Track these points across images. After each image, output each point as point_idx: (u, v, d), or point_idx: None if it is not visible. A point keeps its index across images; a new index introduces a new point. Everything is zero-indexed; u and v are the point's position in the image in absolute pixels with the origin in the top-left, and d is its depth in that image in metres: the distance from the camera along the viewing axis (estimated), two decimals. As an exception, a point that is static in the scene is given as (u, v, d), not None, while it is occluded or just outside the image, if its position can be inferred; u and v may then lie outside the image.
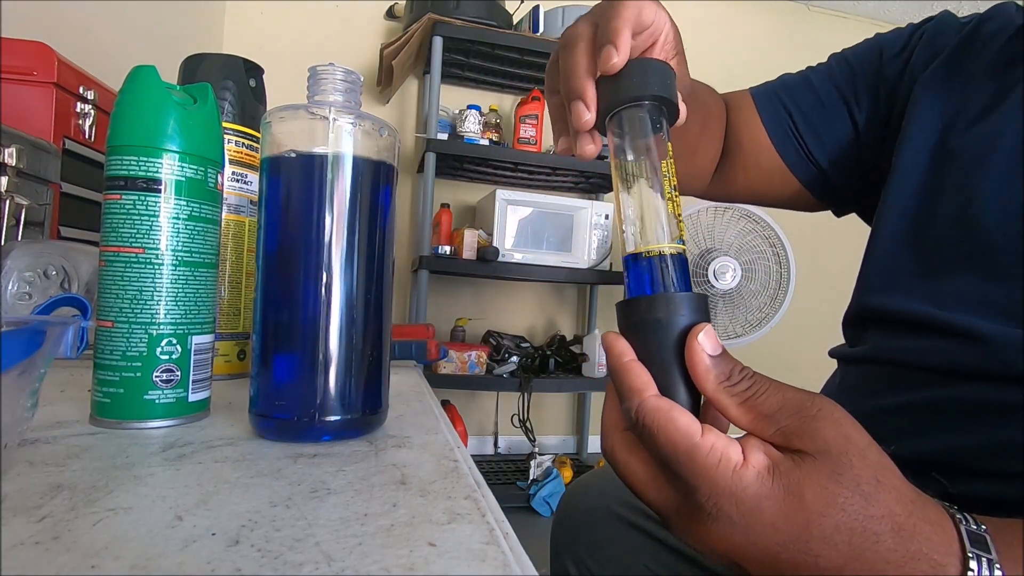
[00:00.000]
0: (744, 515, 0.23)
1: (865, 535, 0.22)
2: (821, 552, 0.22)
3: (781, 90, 0.58)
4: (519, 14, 2.09)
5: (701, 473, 0.23)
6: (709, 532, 0.24)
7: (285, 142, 0.34)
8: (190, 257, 0.36)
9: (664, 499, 0.25)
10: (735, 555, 0.24)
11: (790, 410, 0.24)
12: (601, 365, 2.02)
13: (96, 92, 1.00)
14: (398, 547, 0.21)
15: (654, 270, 0.28)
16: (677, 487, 0.24)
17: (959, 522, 0.24)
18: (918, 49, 0.52)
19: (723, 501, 0.23)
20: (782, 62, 0.62)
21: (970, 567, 0.22)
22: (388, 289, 0.37)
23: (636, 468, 0.26)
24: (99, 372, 0.35)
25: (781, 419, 0.24)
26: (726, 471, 0.23)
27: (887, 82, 0.53)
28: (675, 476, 0.24)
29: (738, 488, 0.23)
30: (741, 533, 0.23)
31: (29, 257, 0.57)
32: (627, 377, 0.26)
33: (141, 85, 0.35)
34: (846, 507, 0.22)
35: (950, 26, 0.52)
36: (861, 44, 0.57)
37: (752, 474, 0.23)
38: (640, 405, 0.25)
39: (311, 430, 0.33)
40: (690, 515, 0.24)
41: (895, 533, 0.22)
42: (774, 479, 0.23)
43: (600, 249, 2.00)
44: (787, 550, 0.22)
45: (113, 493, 0.24)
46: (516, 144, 2.09)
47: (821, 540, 0.22)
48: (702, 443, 0.23)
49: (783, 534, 0.22)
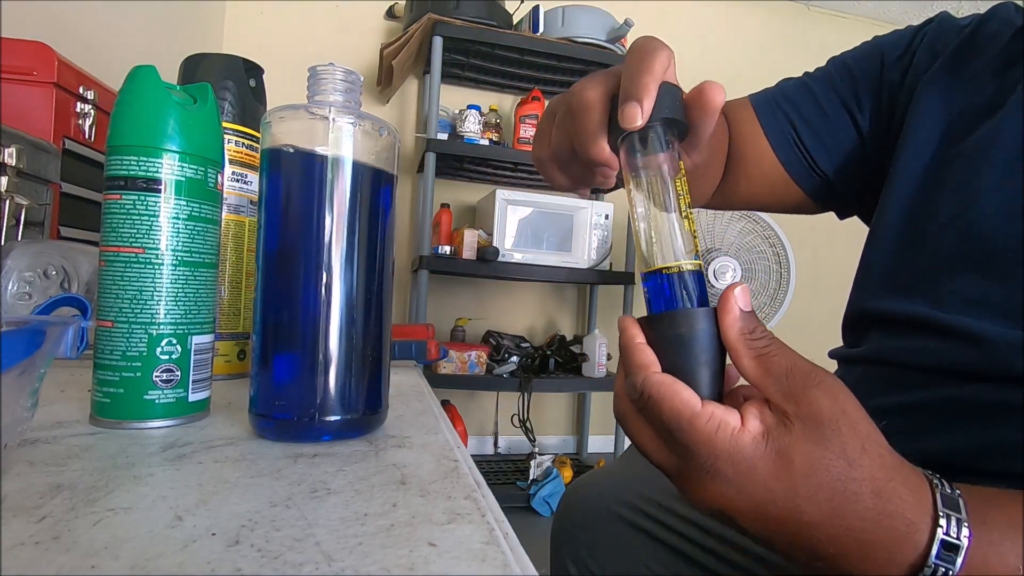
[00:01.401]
0: (739, 475, 0.25)
1: (846, 495, 0.24)
2: (805, 508, 0.24)
3: (782, 99, 0.58)
4: (519, 14, 2.09)
5: (701, 439, 0.25)
6: (707, 490, 0.26)
7: (285, 142, 0.34)
8: (190, 257, 0.36)
9: (668, 461, 0.28)
10: (729, 510, 0.26)
11: (796, 375, 0.26)
12: (601, 365, 2.02)
13: (96, 92, 1.00)
14: (398, 547, 0.21)
15: (674, 287, 0.30)
16: (679, 452, 0.27)
17: (935, 487, 0.26)
18: (919, 52, 0.52)
19: (721, 463, 0.25)
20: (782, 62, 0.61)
21: (939, 524, 0.24)
22: (388, 289, 0.37)
23: (643, 434, 0.28)
24: (99, 372, 0.35)
25: (785, 381, 0.26)
26: (724, 436, 0.25)
27: (890, 86, 0.53)
28: (677, 442, 0.26)
29: (735, 451, 0.25)
30: (736, 491, 0.25)
31: (29, 257, 0.57)
32: (635, 355, 0.28)
33: (141, 85, 0.35)
34: (830, 469, 0.24)
35: (950, 28, 0.52)
36: (860, 48, 0.57)
37: (747, 438, 0.25)
38: (646, 379, 0.27)
39: (311, 430, 0.33)
40: (690, 476, 0.26)
41: (874, 495, 0.25)
42: (767, 443, 0.25)
43: (600, 249, 2.00)
44: (775, 506, 0.25)
45: (113, 493, 0.24)
46: (516, 144, 2.09)
47: (806, 498, 0.24)
48: (702, 412, 0.25)
49: (773, 492, 0.25)
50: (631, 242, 2.11)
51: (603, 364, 2.03)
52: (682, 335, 0.28)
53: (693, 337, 0.28)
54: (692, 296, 0.29)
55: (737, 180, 0.59)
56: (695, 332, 0.28)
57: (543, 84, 2.18)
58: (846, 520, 0.24)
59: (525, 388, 1.87)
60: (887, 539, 0.25)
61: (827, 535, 0.25)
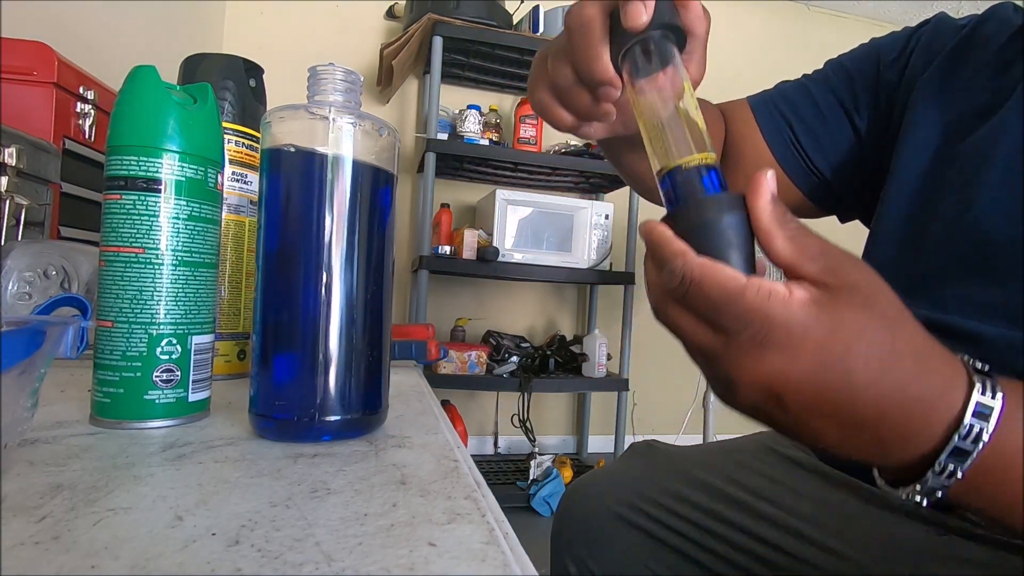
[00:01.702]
0: (793, 341, 0.25)
1: (892, 355, 0.25)
2: (855, 368, 0.25)
3: (780, 100, 0.58)
4: (519, 14, 2.09)
5: (753, 308, 0.25)
6: (760, 363, 0.25)
7: (285, 142, 0.34)
8: (190, 257, 0.36)
9: (713, 343, 0.27)
10: (780, 383, 0.25)
11: (831, 252, 0.26)
12: (601, 365, 2.02)
13: (96, 92, 1.00)
14: (398, 547, 0.21)
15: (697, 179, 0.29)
16: (728, 328, 0.26)
17: (966, 360, 0.27)
18: (915, 53, 0.52)
19: (775, 330, 0.25)
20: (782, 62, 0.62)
21: (975, 385, 0.26)
22: (388, 289, 0.37)
23: (684, 320, 0.27)
24: (99, 372, 0.35)
25: (822, 258, 0.26)
26: (777, 303, 0.25)
27: (886, 87, 0.53)
28: (726, 318, 0.25)
29: (788, 317, 0.25)
30: (789, 359, 0.25)
31: (29, 257, 0.57)
32: (669, 245, 0.27)
33: (141, 85, 0.35)
34: (877, 331, 0.25)
35: (947, 28, 0.52)
36: (857, 49, 0.57)
37: (798, 303, 0.25)
38: (686, 262, 0.26)
39: (311, 430, 0.33)
40: (741, 351, 0.26)
41: (914, 355, 0.26)
42: (818, 308, 0.25)
43: (600, 249, 2.00)
44: (827, 371, 0.25)
45: (113, 493, 0.24)
46: (516, 144, 2.09)
47: (856, 358, 0.25)
48: (750, 284, 0.25)
49: (826, 354, 0.25)
50: (631, 242, 2.11)
51: (603, 364, 2.03)
52: (712, 220, 0.27)
53: (725, 221, 0.27)
54: (715, 187, 0.29)
55: (736, 181, 0.59)
56: (726, 216, 0.27)
57: (543, 84, 2.18)
58: (891, 378, 0.25)
59: (525, 388, 1.87)
60: (927, 396, 0.25)
61: (872, 397, 0.25)
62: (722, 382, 0.28)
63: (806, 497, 0.53)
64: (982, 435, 0.25)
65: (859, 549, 0.47)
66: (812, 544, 0.49)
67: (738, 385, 0.27)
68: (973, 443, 0.25)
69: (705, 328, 0.27)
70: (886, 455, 0.27)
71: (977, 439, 0.25)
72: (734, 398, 0.28)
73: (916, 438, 0.26)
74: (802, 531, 0.51)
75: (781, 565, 0.50)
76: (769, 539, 0.52)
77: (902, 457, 0.27)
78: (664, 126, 0.31)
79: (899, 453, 0.27)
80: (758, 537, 0.53)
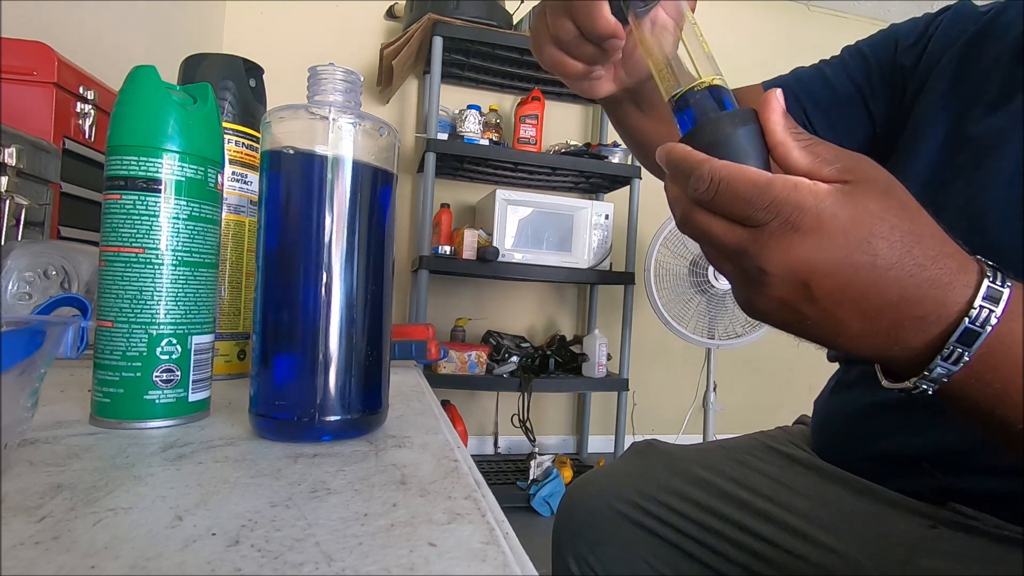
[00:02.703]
0: (822, 225, 0.26)
1: (913, 235, 0.26)
2: (880, 250, 0.26)
3: (795, 84, 0.58)
4: (519, 14, 2.09)
5: (782, 197, 0.26)
6: (790, 248, 0.26)
7: (285, 142, 0.34)
8: (190, 257, 0.36)
9: (743, 237, 0.27)
10: (809, 267, 0.26)
11: (844, 155, 0.27)
12: (601, 365, 2.02)
13: (96, 92, 1.00)
14: (398, 547, 0.21)
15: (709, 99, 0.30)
16: (758, 220, 0.27)
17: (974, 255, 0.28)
18: (934, 39, 0.52)
19: (806, 215, 0.26)
20: (782, 62, 0.62)
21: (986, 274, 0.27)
22: (388, 289, 0.37)
23: (714, 222, 0.28)
24: (99, 372, 0.35)
25: (837, 160, 0.27)
26: (805, 192, 0.26)
27: (903, 72, 0.53)
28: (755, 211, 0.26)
29: (817, 202, 0.26)
30: (818, 243, 0.26)
31: (29, 257, 0.57)
32: (691, 156, 0.28)
33: (141, 85, 0.35)
34: (899, 213, 0.26)
35: (967, 15, 0.52)
36: (876, 35, 0.57)
37: (825, 191, 0.26)
38: (711, 167, 0.27)
39: (311, 430, 0.33)
40: (772, 237, 0.26)
41: (932, 237, 0.27)
42: (844, 195, 0.26)
43: (600, 249, 2.00)
44: (854, 253, 0.26)
45: (113, 493, 0.24)
46: (516, 144, 2.09)
47: (881, 238, 0.26)
48: (777, 176, 0.26)
49: (853, 237, 0.26)
50: (631, 242, 2.11)
51: (603, 364, 2.03)
52: (729, 133, 0.28)
53: (740, 133, 0.28)
54: (728, 106, 0.30)
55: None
56: (741, 129, 0.28)
57: (543, 84, 2.18)
58: (911, 259, 0.26)
59: (525, 388, 1.87)
60: (942, 278, 0.26)
61: (894, 277, 0.26)
62: (753, 278, 0.28)
63: (802, 493, 0.53)
64: (990, 319, 0.26)
65: (853, 543, 0.47)
66: (807, 539, 0.50)
67: (769, 277, 0.27)
68: (981, 327, 0.26)
69: (734, 226, 0.28)
70: (900, 341, 0.28)
71: (985, 323, 0.26)
72: (763, 294, 0.28)
73: (930, 320, 0.27)
74: (798, 527, 0.51)
75: (777, 560, 0.51)
76: (766, 535, 0.52)
77: (914, 343, 0.28)
78: (671, 56, 0.32)
79: (913, 338, 0.27)
80: (755, 533, 0.53)
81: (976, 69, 0.48)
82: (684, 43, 0.31)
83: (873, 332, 0.27)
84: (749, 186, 0.26)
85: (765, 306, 0.29)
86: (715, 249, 0.29)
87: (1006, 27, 0.48)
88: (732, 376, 2.55)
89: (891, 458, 0.47)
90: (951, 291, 0.26)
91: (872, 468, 0.50)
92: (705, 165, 0.27)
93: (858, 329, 0.27)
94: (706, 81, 0.30)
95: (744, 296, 0.30)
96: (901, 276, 0.26)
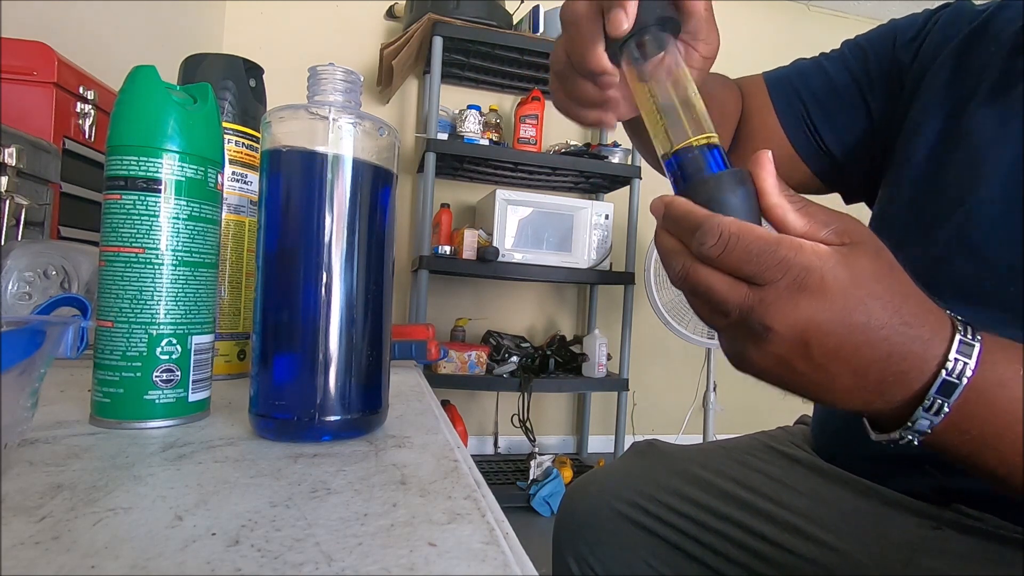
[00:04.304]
0: (826, 286, 0.27)
1: (902, 295, 0.28)
2: (874, 310, 0.27)
3: (795, 76, 0.58)
4: (519, 14, 2.09)
5: (791, 257, 0.27)
6: (796, 307, 0.27)
7: (285, 142, 0.34)
8: (190, 257, 0.36)
9: (748, 295, 0.28)
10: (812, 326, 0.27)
11: (836, 218, 0.29)
12: (601, 365, 2.02)
13: (96, 92, 1.00)
14: (398, 547, 0.21)
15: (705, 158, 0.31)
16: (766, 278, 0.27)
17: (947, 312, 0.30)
18: (932, 35, 0.52)
19: (811, 276, 0.27)
20: (782, 62, 0.62)
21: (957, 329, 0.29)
22: (388, 289, 0.37)
23: (717, 279, 0.29)
24: (99, 372, 0.35)
25: (832, 222, 0.28)
26: (810, 252, 0.27)
27: (901, 68, 0.53)
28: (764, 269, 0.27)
29: (822, 264, 0.27)
30: (820, 303, 0.27)
31: (29, 257, 0.57)
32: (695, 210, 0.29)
33: (141, 85, 0.35)
34: (888, 276, 0.28)
35: (966, 12, 0.52)
36: (876, 30, 0.57)
37: (826, 254, 0.27)
38: (720, 220, 0.28)
39: (311, 430, 0.33)
40: (779, 296, 0.27)
41: (916, 296, 0.29)
42: (843, 257, 0.27)
43: (600, 249, 2.00)
44: (852, 314, 0.27)
45: (113, 493, 0.24)
46: (516, 144, 2.09)
47: (876, 298, 0.27)
48: (783, 237, 0.27)
49: (853, 297, 0.27)
50: (631, 242, 2.11)
51: (603, 364, 2.03)
52: (731, 193, 0.29)
53: (740, 193, 0.29)
54: (720, 165, 0.31)
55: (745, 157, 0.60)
56: (740, 189, 0.29)
57: (543, 84, 2.18)
58: (899, 318, 0.28)
59: (525, 388, 1.86)
60: (923, 335, 0.28)
61: (884, 336, 0.27)
62: (755, 334, 0.29)
63: (803, 493, 0.53)
64: (965, 371, 0.28)
65: (854, 543, 0.47)
66: (808, 539, 0.50)
67: (773, 334, 0.28)
68: (958, 378, 0.28)
69: (738, 283, 0.28)
70: (885, 395, 0.29)
71: (961, 375, 0.28)
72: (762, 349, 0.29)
73: (912, 374, 0.28)
74: (799, 527, 0.51)
75: (778, 560, 0.51)
76: (767, 535, 0.52)
77: (898, 397, 0.29)
78: (664, 112, 0.32)
79: (896, 392, 0.29)
80: (756, 533, 0.53)
81: (973, 65, 0.48)
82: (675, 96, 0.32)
83: (861, 387, 0.29)
84: (761, 243, 0.27)
85: (761, 361, 0.29)
86: (713, 305, 0.29)
87: (1003, 25, 0.48)
88: (732, 376, 2.53)
89: (892, 458, 0.47)
90: (931, 346, 0.28)
91: (873, 468, 0.50)
92: (713, 220, 0.28)
93: (848, 384, 0.29)
94: (702, 139, 0.31)
95: (738, 350, 0.30)
96: (891, 335, 0.27)
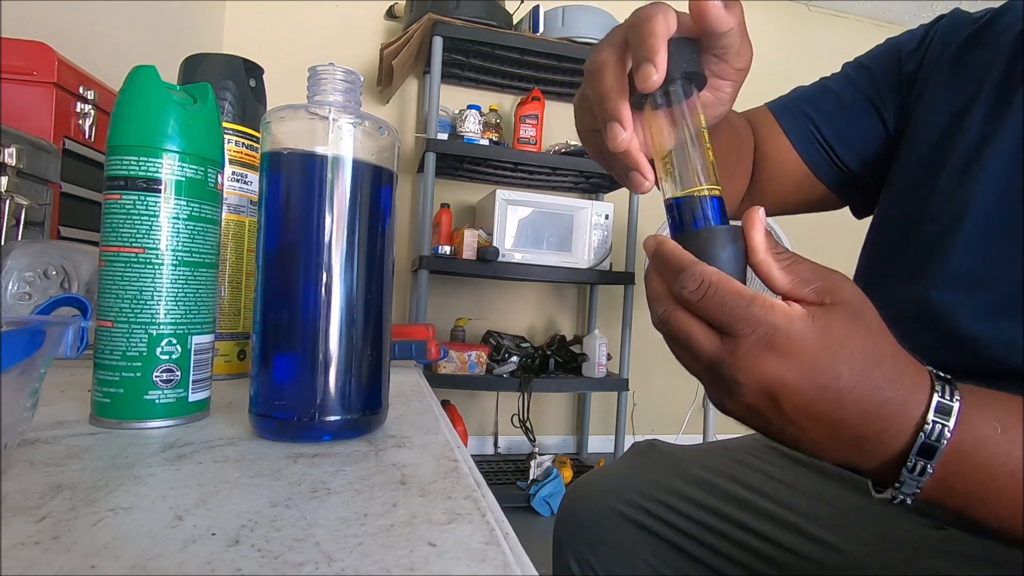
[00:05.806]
0: (792, 346, 0.28)
1: (874, 359, 0.28)
2: (843, 372, 0.28)
3: (799, 100, 0.59)
4: (519, 14, 2.09)
5: (760, 315, 0.28)
6: (763, 364, 0.28)
7: (285, 142, 0.34)
8: (190, 257, 0.36)
9: (719, 347, 0.29)
10: (777, 384, 0.28)
11: (821, 275, 0.29)
12: (601, 365, 2.02)
13: (96, 92, 1.00)
14: (398, 547, 0.21)
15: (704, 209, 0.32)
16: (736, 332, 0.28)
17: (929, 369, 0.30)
18: (934, 43, 0.53)
19: (779, 335, 0.28)
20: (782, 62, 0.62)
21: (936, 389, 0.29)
22: (388, 289, 0.37)
23: (693, 325, 0.30)
24: (99, 372, 0.35)
25: (815, 281, 0.29)
26: (780, 313, 0.28)
27: (908, 77, 0.54)
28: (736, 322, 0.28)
29: (790, 325, 0.28)
30: (788, 362, 0.28)
31: (29, 257, 0.57)
32: (683, 255, 0.30)
33: (141, 85, 0.35)
34: (863, 339, 0.28)
35: (963, 20, 0.53)
36: (875, 48, 0.58)
37: (797, 315, 0.28)
38: (703, 268, 0.29)
39: (311, 430, 0.33)
40: (746, 351, 0.28)
41: (892, 359, 0.29)
42: (814, 320, 0.28)
43: (600, 249, 2.00)
44: (819, 375, 0.28)
45: (113, 493, 0.24)
46: (516, 144, 2.09)
47: (843, 363, 0.28)
48: (758, 295, 0.28)
49: (819, 360, 0.28)
50: (631, 242, 2.11)
51: (603, 364, 2.03)
52: (721, 248, 0.30)
53: (729, 249, 0.30)
54: (719, 218, 0.32)
55: (763, 182, 0.60)
56: (731, 245, 0.30)
57: (543, 84, 2.18)
58: (871, 381, 0.28)
59: (525, 388, 1.86)
60: (898, 397, 0.28)
61: (855, 398, 0.28)
62: (725, 384, 0.29)
63: (804, 493, 0.53)
64: (944, 433, 0.28)
65: (856, 543, 0.47)
66: (810, 539, 0.50)
67: (741, 387, 0.29)
68: (937, 440, 0.28)
69: (713, 334, 0.29)
70: (864, 453, 0.30)
71: (940, 437, 0.28)
72: (734, 399, 0.30)
73: (889, 435, 0.29)
74: (800, 526, 0.51)
75: (779, 560, 0.51)
76: (768, 535, 0.52)
77: (878, 456, 0.29)
78: (676, 158, 0.33)
79: (876, 452, 0.29)
80: (757, 533, 0.53)
81: (972, 68, 0.49)
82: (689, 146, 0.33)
83: (836, 442, 0.29)
84: (736, 296, 0.28)
85: (736, 410, 0.30)
86: (690, 353, 0.30)
87: (1002, 29, 0.49)
88: (732, 376, 2.55)
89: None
90: (908, 408, 0.28)
91: None
92: (697, 267, 0.29)
93: (822, 438, 0.29)
94: (705, 189, 0.32)
95: (716, 399, 0.31)
96: (861, 397, 0.28)
